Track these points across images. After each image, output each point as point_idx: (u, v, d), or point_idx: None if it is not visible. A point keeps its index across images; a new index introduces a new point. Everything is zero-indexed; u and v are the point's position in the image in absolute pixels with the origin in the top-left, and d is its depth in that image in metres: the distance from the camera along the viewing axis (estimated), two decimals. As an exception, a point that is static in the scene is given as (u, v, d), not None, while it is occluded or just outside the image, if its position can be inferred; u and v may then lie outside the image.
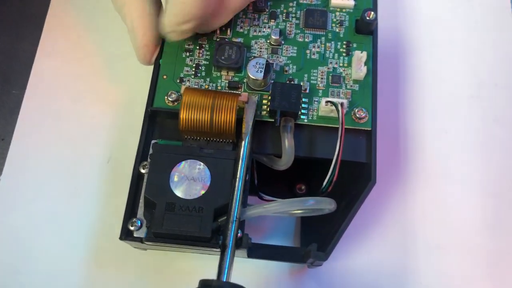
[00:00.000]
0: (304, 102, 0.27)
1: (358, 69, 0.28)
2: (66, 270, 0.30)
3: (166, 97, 0.27)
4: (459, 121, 0.35)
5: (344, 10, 0.30)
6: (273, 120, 0.27)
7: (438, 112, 0.35)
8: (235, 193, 0.24)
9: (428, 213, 0.32)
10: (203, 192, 0.24)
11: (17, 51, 0.36)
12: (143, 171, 0.26)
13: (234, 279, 0.30)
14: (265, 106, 0.27)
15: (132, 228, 0.25)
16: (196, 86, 0.28)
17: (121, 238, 0.25)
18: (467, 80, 0.36)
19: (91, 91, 0.35)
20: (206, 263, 0.30)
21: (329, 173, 0.26)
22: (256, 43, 0.29)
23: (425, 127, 0.34)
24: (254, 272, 0.30)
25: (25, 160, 0.33)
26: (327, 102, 0.27)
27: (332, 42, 0.29)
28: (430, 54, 0.37)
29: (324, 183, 0.26)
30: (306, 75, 0.28)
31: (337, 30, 0.29)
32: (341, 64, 0.29)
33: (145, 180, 0.25)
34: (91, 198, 0.32)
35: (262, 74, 0.27)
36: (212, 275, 0.30)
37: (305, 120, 0.27)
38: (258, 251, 0.27)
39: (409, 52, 0.37)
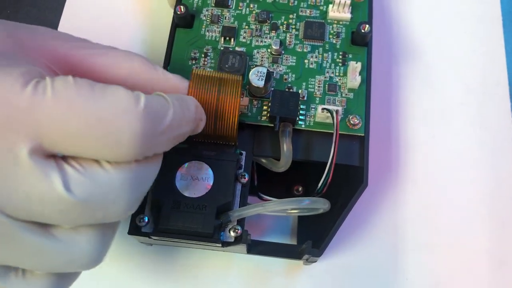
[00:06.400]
0: (302, 109, 0.29)
1: (353, 78, 0.29)
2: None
3: (173, 102, 0.29)
4: (448, 127, 0.36)
5: (341, 23, 0.31)
6: (272, 125, 0.28)
7: (428, 119, 0.36)
8: None
9: (417, 214, 0.33)
10: (206, 191, 0.26)
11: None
12: (150, 170, 0.27)
13: (234, 273, 0.32)
14: (265, 112, 0.29)
15: (140, 224, 0.26)
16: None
17: (129, 233, 0.26)
18: (456, 88, 0.37)
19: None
20: (207, 258, 0.32)
21: (324, 175, 0.27)
22: (258, 52, 0.31)
23: (415, 133, 0.36)
24: (253, 267, 0.32)
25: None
26: (323, 109, 0.28)
27: (329, 53, 0.31)
28: (422, 63, 0.38)
29: (319, 184, 0.27)
30: (304, 84, 0.30)
31: (334, 41, 0.31)
32: (337, 74, 0.30)
33: (152, 179, 0.27)
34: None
35: (263, 82, 0.28)
36: (213, 269, 0.32)
37: (303, 126, 0.29)
38: (257, 248, 0.29)
39: (402, 61, 0.38)
